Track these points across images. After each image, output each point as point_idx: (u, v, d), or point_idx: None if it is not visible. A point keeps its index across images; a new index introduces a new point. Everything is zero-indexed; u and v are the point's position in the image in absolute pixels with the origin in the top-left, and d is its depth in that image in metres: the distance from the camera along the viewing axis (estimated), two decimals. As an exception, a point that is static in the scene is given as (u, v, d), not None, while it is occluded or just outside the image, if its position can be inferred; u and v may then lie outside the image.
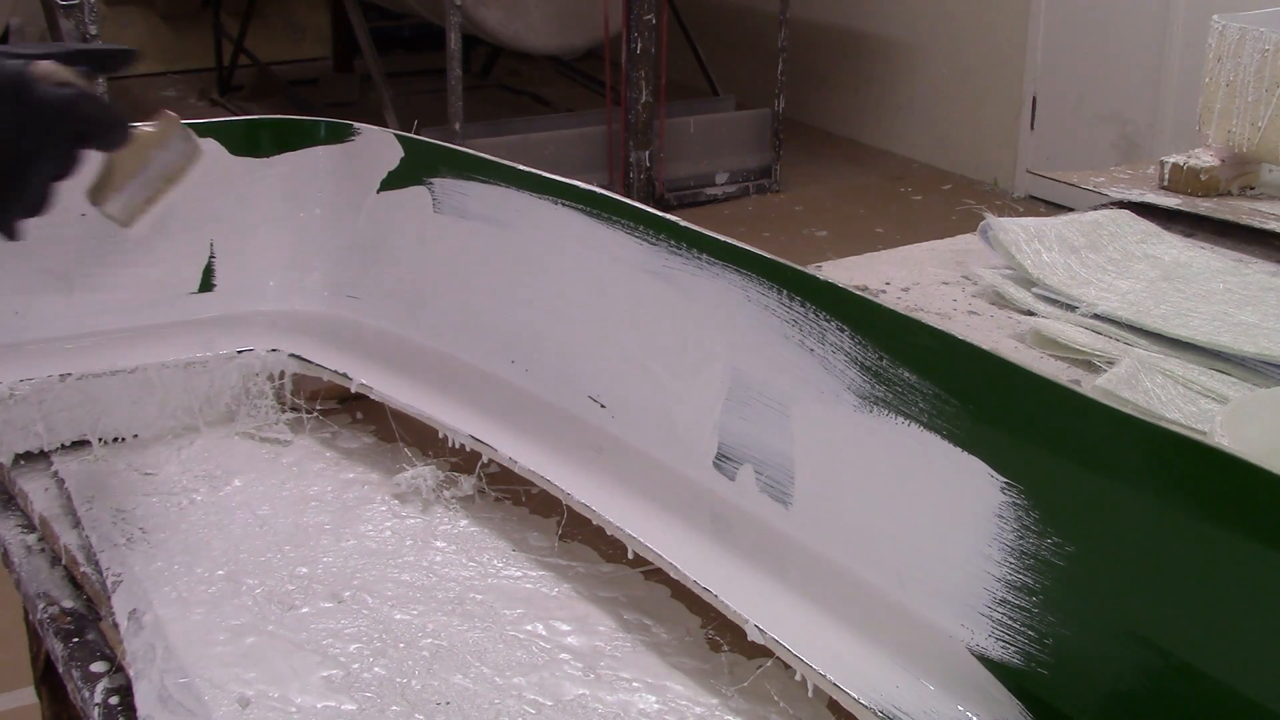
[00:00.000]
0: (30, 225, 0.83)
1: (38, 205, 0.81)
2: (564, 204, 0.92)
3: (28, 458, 0.93)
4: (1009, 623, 0.67)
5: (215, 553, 0.82)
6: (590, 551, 0.84)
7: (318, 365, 0.98)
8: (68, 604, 0.80)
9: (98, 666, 0.74)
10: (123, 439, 0.95)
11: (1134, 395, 1.00)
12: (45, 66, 0.78)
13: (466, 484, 0.90)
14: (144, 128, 0.90)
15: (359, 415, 1.01)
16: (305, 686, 0.70)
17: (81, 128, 0.80)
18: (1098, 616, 0.63)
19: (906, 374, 0.72)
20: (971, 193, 4.94)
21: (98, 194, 0.89)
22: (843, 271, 1.32)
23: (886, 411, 0.73)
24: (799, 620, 0.71)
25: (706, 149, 4.85)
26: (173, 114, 0.91)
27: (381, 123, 1.43)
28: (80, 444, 0.94)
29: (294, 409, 0.99)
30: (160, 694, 0.68)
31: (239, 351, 0.98)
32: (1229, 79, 1.46)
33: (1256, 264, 1.32)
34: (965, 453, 0.69)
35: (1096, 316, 1.16)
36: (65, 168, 0.81)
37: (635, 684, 0.71)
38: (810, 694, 0.68)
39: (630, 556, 0.79)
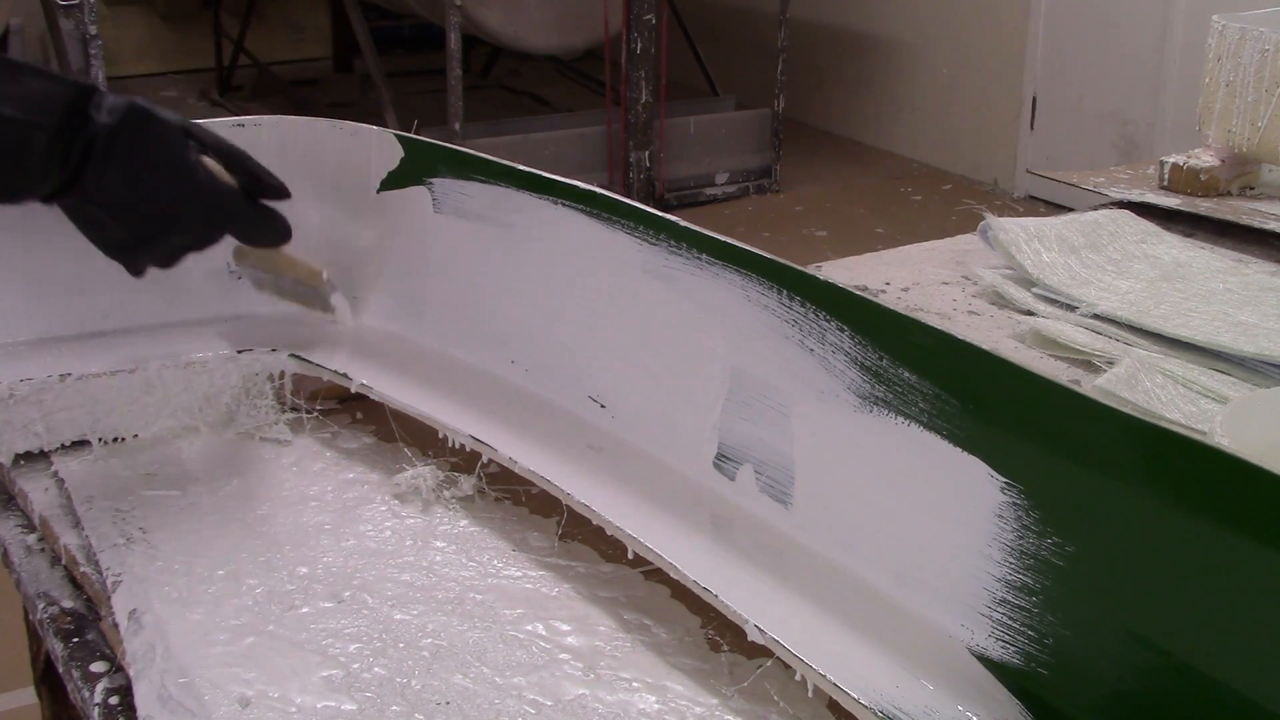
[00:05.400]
0: (29, 226, 0.83)
1: (168, 262, 0.90)
2: (564, 204, 0.92)
3: (28, 458, 0.93)
4: (1009, 623, 0.67)
5: (215, 553, 0.82)
6: (590, 551, 0.84)
7: (318, 365, 0.98)
8: (68, 604, 0.80)
9: (98, 666, 0.74)
10: (123, 439, 0.95)
11: (1134, 395, 1.00)
12: (215, 165, 0.89)
13: (466, 484, 0.90)
14: (290, 255, 0.96)
15: (359, 415, 1.01)
16: (305, 686, 0.70)
17: (228, 223, 0.90)
18: (1098, 616, 0.63)
19: (906, 374, 0.72)
20: (971, 193, 4.94)
21: (240, 255, 0.98)
22: (843, 271, 1.32)
23: (886, 411, 0.73)
24: (799, 620, 0.71)
25: (706, 149, 4.85)
26: (322, 272, 0.98)
27: (381, 123, 1.42)
28: (80, 444, 0.94)
29: (294, 409, 0.99)
30: (160, 694, 0.68)
31: (239, 351, 0.98)
32: (1229, 79, 1.46)
33: (1256, 264, 1.32)
34: (965, 453, 0.69)
35: (1096, 316, 1.16)
36: (202, 245, 0.90)
37: (635, 684, 0.71)
38: (810, 694, 0.68)
39: (630, 556, 0.79)
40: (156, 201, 0.86)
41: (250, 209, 0.91)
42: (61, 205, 0.86)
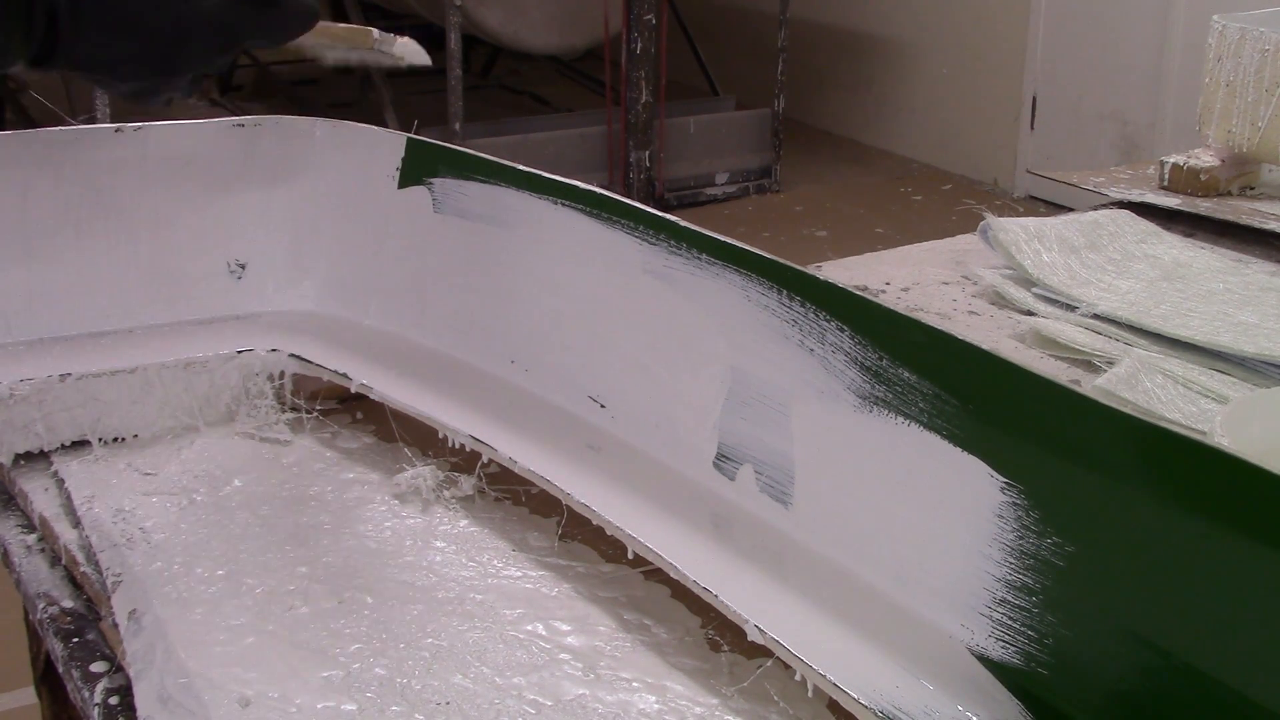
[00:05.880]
0: (29, 226, 0.83)
1: (190, 91, 0.85)
2: (564, 204, 0.92)
3: (28, 458, 0.93)
4: (1009, 623, 0.67)
5: (215, 553, 0.82)
6: (590, 551, 0.84)
7: (318, 365, 0.98)
8: (68, 604, 0.80)
9: (98, 666, 0.74)
10: (123, 439, 0.95)
11: (1134, 395, 1.00)
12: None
13: (466, 484, 0.90)
14: (329, 29, 0.93)
15: (359, 415, 1.01)
16: (305, 686, 0.70)
17: (235, 42, 0.83)
18: (1098, 616, 0.63)
19: (906, 374, 0.72)
20: (971, 193, 4.94)
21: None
22: (843, 271, 1.32)
23: (886, 411, 0.73)
24: (799, 620, 0.71)
25: (706, 149, 4.85)
26: (370, 33, 0.97)
27: (381, 123, 1.43)
28: (80, 444, 0.94)
29: (294, 409, 0.99)
30: (160, 694, 0.68)
31: (239, 351, 0.98)
32: (1229, 79, 1.46)
33: (1256, 264, 1.32)
34: (965, 453, 0.69)
35: (1096, 316, 1.16)
36: (218, 69, 0.84)
37: (635, 684, 0.71)
38: (810, 694, 0.68)
39: (630, 556, 0.79)
40: (146, 50, 0.79)
41: (255, 16, 0.83)
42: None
